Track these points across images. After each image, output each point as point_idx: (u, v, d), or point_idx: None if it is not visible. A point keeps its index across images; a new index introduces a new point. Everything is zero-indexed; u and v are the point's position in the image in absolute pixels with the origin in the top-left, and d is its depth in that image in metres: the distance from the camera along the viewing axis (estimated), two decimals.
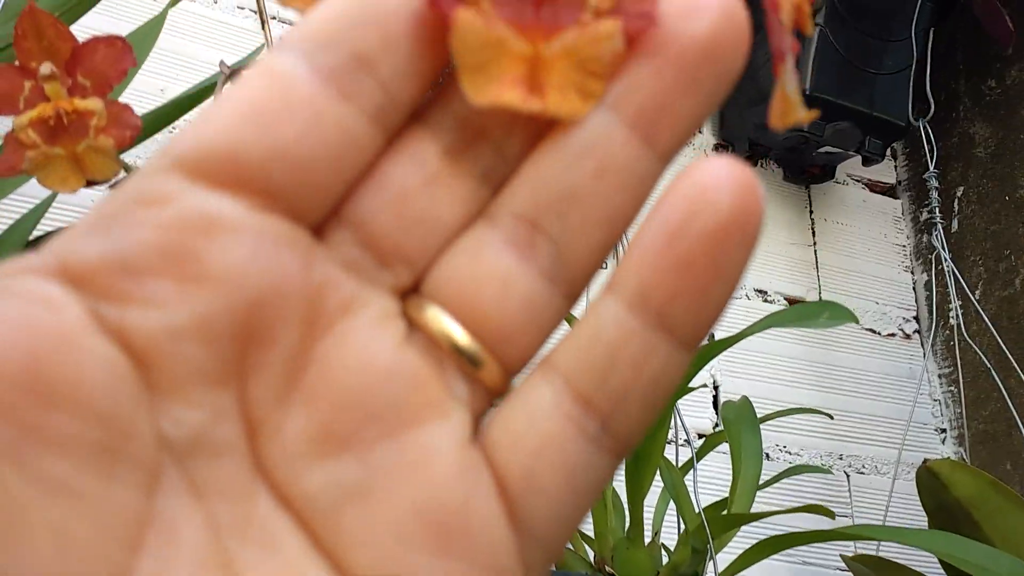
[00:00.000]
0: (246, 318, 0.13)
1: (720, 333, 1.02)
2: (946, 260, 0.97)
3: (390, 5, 0.14)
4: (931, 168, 1.00)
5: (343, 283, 0.14)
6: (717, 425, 0.97)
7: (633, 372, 0.14)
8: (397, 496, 0.14)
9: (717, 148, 1.15)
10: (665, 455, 0.60)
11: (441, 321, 0.14)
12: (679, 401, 0.56)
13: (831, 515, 0.60)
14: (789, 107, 0.20)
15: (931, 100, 1.02)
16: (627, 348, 0.14)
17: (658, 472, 0.59)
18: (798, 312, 0.42)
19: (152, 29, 0.46)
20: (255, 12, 0.93)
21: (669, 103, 0.14)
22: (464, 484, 0.14)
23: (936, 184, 1.00)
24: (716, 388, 1.00)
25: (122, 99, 0.85)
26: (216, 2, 0.92)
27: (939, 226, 0.98)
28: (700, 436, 0.96)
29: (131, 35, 0.46)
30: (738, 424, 0.62)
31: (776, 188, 1.17)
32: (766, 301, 1.08)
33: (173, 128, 0.77)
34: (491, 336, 0.14)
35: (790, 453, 1.00)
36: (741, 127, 1.12)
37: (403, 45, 0.14)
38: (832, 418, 0.73)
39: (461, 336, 0.14)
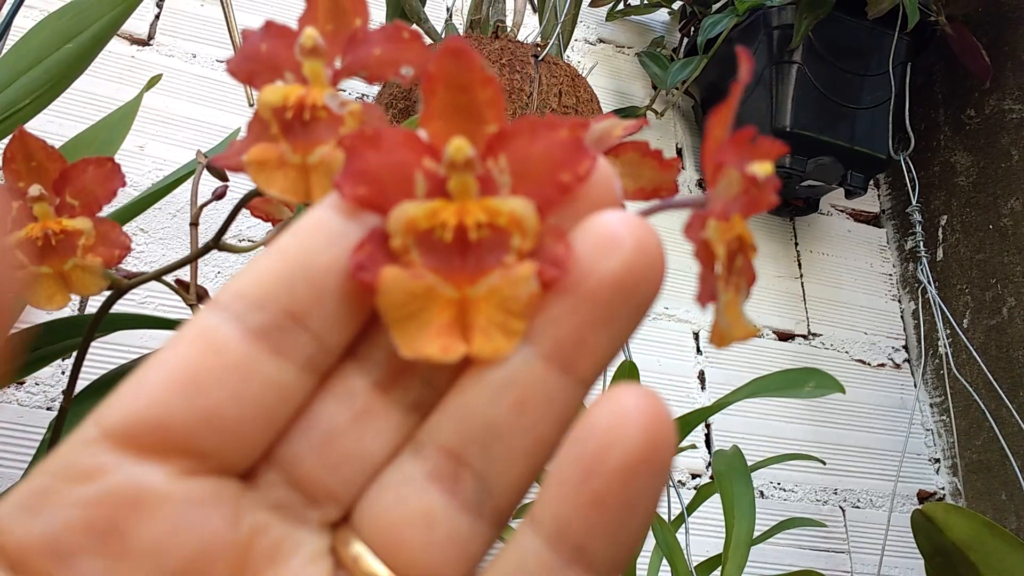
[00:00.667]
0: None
1: (709, 370, 1.03)
2: (932, 294, 0.97)
3: (320, 262, 0.15)
4: (913, 202, 1.01)
5: (272, 527, 0.15)
6: (710, 465, 0.97)
7: None
8: None
9: (700, 183, 1.15)
10: (658, 512, 0.60)
11: (367, 562, 0.15)
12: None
13: None
14: (725, 337, 0.20)
15: (911, 134, 1.03)
16: None
17: (650, 529, 0.58)
18: (782, 380, 0.41)
19: (128, 113, 0.45)
20: None
21: (586, 336, 0.15)
22: None
23: (919, 218, 1.01)
24: (708, 426, 0.99)
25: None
26: (195, 56, 0.92)
27: (924, 260, 0.99)
28: (693, 476, 0.95)
29: (105, 121, 0.46)
30: (729, 476, 0.61)
31: (761, 221, 1.17)
32: (756, 336, 1.08)
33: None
34: (418, 574, 0.15)
35: (784, 490, 1.00)
36: None
37: (334, 297, 0.15)
38: (824, 464, 0.72)
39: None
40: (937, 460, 1.10)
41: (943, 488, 1.08)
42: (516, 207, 0.16)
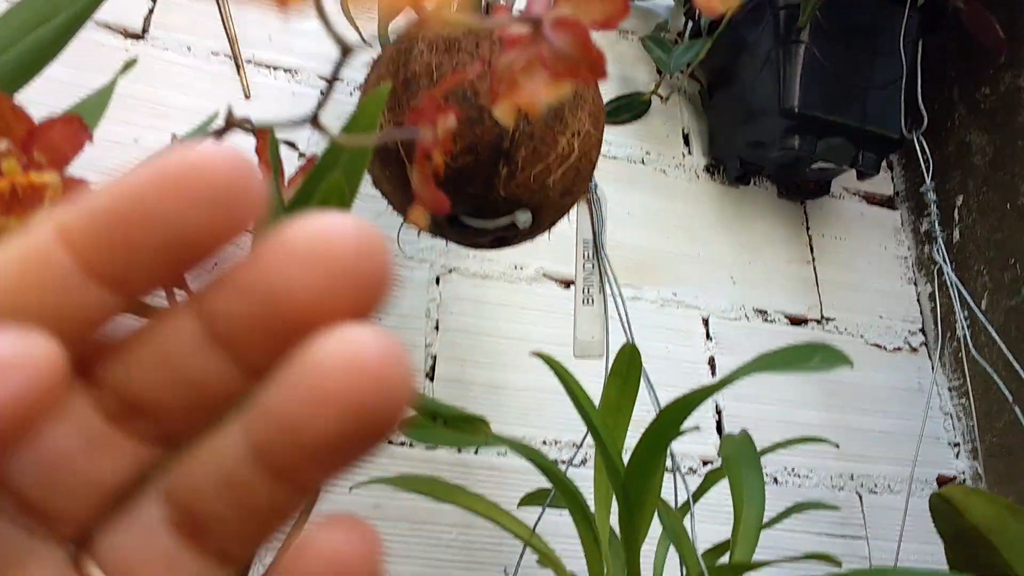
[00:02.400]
0: None
1: (719, 356, 1.01)
2: (948, 274, 0.94)
3: None
4: (928, 181, 0.98)
5: (11, 535, 0.14)
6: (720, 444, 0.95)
7: None
8: None
9: (708, 168, 1.13)
10: (662, 497, 0.58)
11: None
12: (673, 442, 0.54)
13: (838, 563, 0.58)
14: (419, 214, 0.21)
15: (924, 112, 1.01)
16: None
17: (656, 515, 0.56)
18: (788, 356, 0.40)
19: (100, 99, 0.44)
20: (230, 57, 0.92)
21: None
22: None
23: (934, 197, 0.98)
24: (719, 412, 0.98)
25: (96, 148, 0.84)
26: (190, 49, 0.91)
27: (939, 240, 0.96)
28: (704, 463, 0.94)
29: (78, 107, 0.45)
30: (738, 462, 0.59)
31: (771, 206, 1.15)
32: (767, 321, 1.06)
33: None
34: None
35: (798, 476, 0.97)
36: (731, 146, 1.11)
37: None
38: (838, 447, 0.70)
39: None
40: (956, 444, 1.07)
41: (963, 473, 1.06)
42: None
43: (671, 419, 0.47)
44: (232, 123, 0.37)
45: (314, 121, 0.31)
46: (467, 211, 0.57)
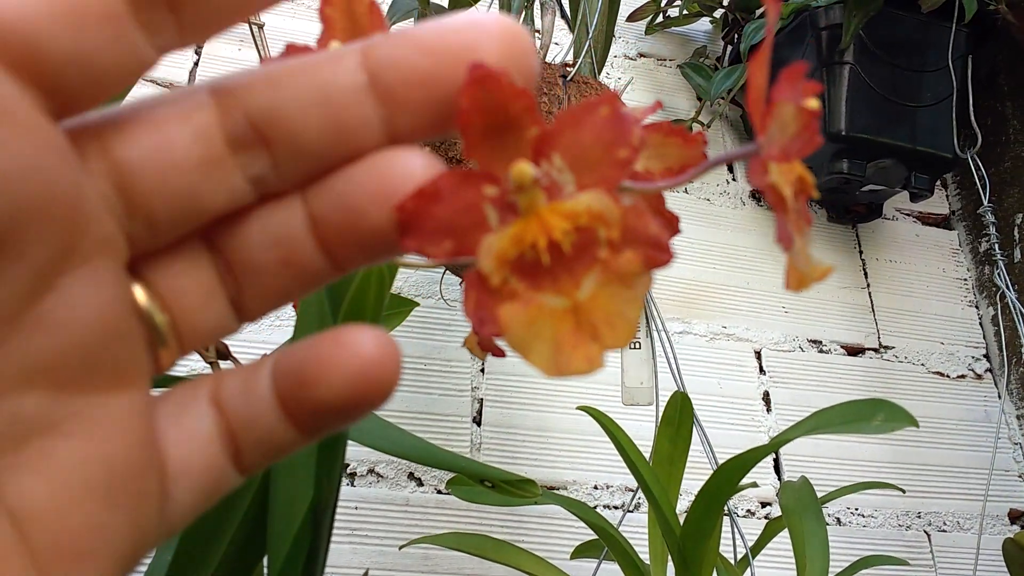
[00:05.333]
0: (5, 218, 0.12)
1: (774, 390, 0.98)
2: (1011, 299, 0.90)
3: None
4: (985, 202, 0.94)
5: (105, 222, 0.14)
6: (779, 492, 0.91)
7: None
8: (75, 446, 0.14)
9: (754, 195, 1.11)
10: (721, 552, 0.56)
11: (152, 301, 0.16)
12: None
13: None
14: (804, 279, 0.19)
15: (977, 130, 0.97)
16: None
17: (715, 572, 0.54)
18: (847, 413, 0.37)
19: None
20: None
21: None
22: (135, 452, 0.15)
23: (993, 219, 0.94)
24: (776, 452, 0.94)
25: None
26: None
27: (1000, 263, 0.92)
28: (763, 504, 0.90)
29: None
30: (799, 513, 0.57)
31: (821, 230, 1.12)
32: (821, 352, 1.02)
33: None
34: (181, 326, 0.16)
35: (862, 516, 0.94)
36: None
37: None
38: (904, 491, 0.67)
39: (161, 320, 0.16)
40: None
41: None
42: (591, 202, 0.16)
43: (727, 479, 0.45)
44: None
45: None
46: None
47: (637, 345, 0.61)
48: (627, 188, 0.17)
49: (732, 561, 0.61)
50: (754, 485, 0.85)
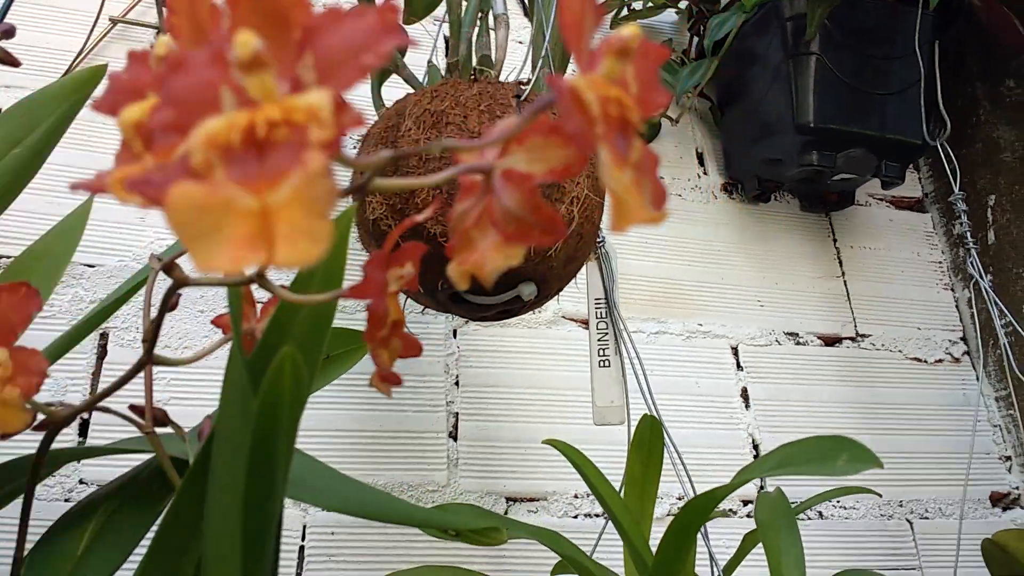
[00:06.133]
0: None
1: (752, 386, 0.97)
2: (984, 286, 0.90)
3: None
4: (956, 190, 0.94)
5: None
6: (763, 487, 0.91)
7: None
8: None
9: (725, 188, 1.10)
10: (697, 572, 0.55)
11: None
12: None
13: None
14: (624, 217, 0.19)
15: (946, 116, 0.96)
16: None
17: None
18: (811, 452, 0.37)
19: (79, 217, 0.43)
20: None
21: None
22: None
23: (964, 207, 0.94)
24: (756, 447, 0.94)
25: (104, 233, 0.82)
26: None
27: (973, 251, 0.92)
28: (745, 503, 0.90)
29: (57, 229, 0.43)
30: (775, 528, 0.56)
31: (794, 220, 1.11)
32: (798, 344, 1.02)
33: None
34: None
35: (844, 508, 0.94)
36: (747, 164, 1.07)
37: None
38: (880, 496, 0.67)
39: None
40: (1008, 458, 1.03)
41: (1017, 488, 1.01)
42: (312, 99, 0.16)
43: (698, 511, 0.44)
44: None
45: (261, 278, 0.28)
46: (468, 289, 0.55)
47: (607, 363, 0.60)
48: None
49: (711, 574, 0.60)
50: (726, 515, 0.84)
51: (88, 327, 0.41)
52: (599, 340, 0.62)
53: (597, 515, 0.84)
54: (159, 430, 0.37)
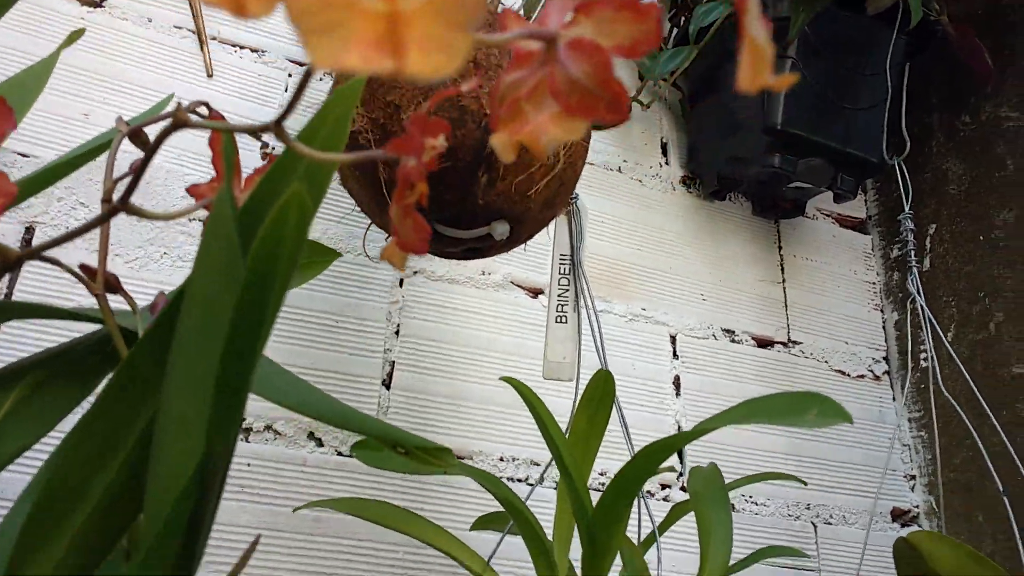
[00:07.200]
0: None
1: (685, 375, 0.98)
2: (921, 304, 0.93)
3: None
4: (907, 209, 0.96)
5: None
6: (681, 476, 0.92)
7: None
8: None
9: (684, 181, 1.11)
10: (626, 534, 0.55)
11: None
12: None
13: None
14: (760, 61, 0.18)
15: (907, 138, 0.99)
16: None
17: (619, 555, 0.53)
18: (781, 405, 0.37)
19: (42, 72, 0.39)
20: (193, 32, 0.86)
21: None
22: None
23: (911, 226, 0.97)
24: (680, 430, 0.95)
25: (44, 122, 0.77)
26: (151, 20, 0.85)
27: (915, 270, 0.95)
28: (663, 487, 0.91)
29: (15, 79, 0.40)
30: (708, 499, 0.56)
31: (745, 223, 1.13)
32: (734, 341, 1.03)
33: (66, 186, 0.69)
34: None
35: (755, 504, 0.95)
36: (710, 159, 1.08)
37: None
38: (806, 484, 0.68)
39: None
40: (913, 477, 1.07)
41: (917, 506, 1.05)
42: None
43: (646, 462, 0.43)
44: (189, 108, 0.32)
45: (278, 126, 0.26)
46: (441, 219, 0.53)
47: (563, 319, 0.59)
48: None
49: (635, 542, 0.60)
50: (672, 470, 0.85)
51: (32, 187, 0.38)
52: (559, 296, 0.61)
53: (520, 479, 0.83)
54: (109, 296, 0.35)
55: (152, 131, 0.36)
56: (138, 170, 0.27)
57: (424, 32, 0.14)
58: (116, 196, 0.32)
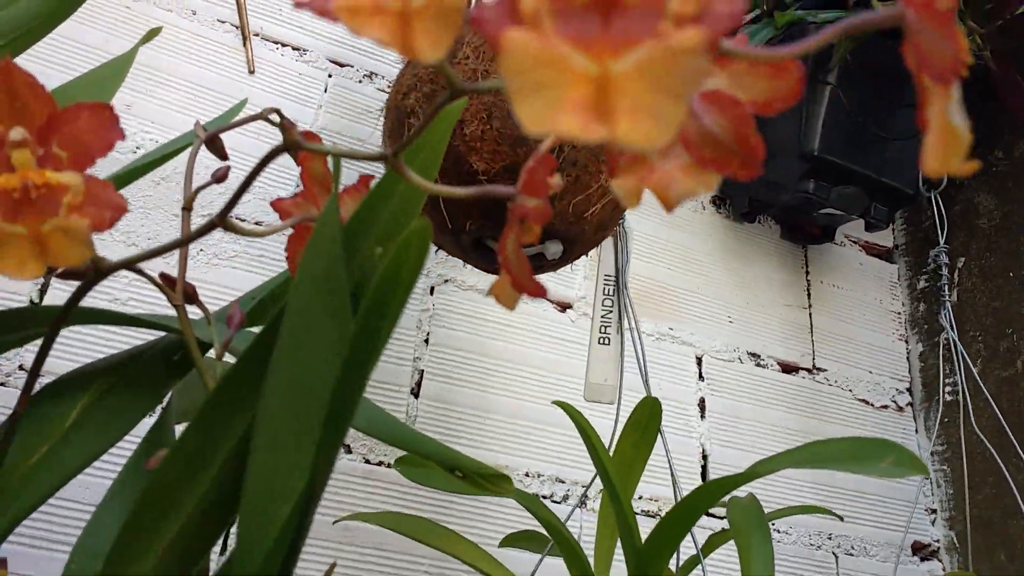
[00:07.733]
0: None
1: (710, 398, 0.97)
2: (952, 338, 0.92)
3: None
4: (941, 243, 0.96)
5: None
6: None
7: None
8: None
9: (715, 201, 1.10)
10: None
11: None
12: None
13: None
14: (954, 147, 0.17)
15: None
16: None
17: None
18: (852, 450, 0.36)
19: (120, 68, 0.39)
20: (236, 27, 0.86)
21: None
22: None
23: (946, 260, 0.96)
24: (705, 457, 0.94)
25: None
26: (195, 13, 0.85)
27: (947, 304, 0.94)
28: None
29: (94, 74, 0.39)
30: (748, 530, 0.56)
31: (773, 246, 1.12)
32: (759, 365, 1.03)
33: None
34: None
35: (778, 532, 0.95)
36: (743, 182, 1.07)
37: None
38: (843, 519, 0.67)
39: None
40: (934, 511, 1.06)
41: (938, 540, 1.04)
42: None
43: (705, 498, 0.43)
44: (260, 115, 0.32)
45: (395, 157, 0.25)
46: (494, 236, 0.53)
47: (607, 341, 0.58)
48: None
49: (673, 568, 0.59)
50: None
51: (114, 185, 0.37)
52: (603, 317, 0.60)
53: (545, 497, 0.83)
54: (188, 306, 0.34)
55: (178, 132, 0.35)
56: (240, 187, 0.27)
57: (634, 99, 0.13)
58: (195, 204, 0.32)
